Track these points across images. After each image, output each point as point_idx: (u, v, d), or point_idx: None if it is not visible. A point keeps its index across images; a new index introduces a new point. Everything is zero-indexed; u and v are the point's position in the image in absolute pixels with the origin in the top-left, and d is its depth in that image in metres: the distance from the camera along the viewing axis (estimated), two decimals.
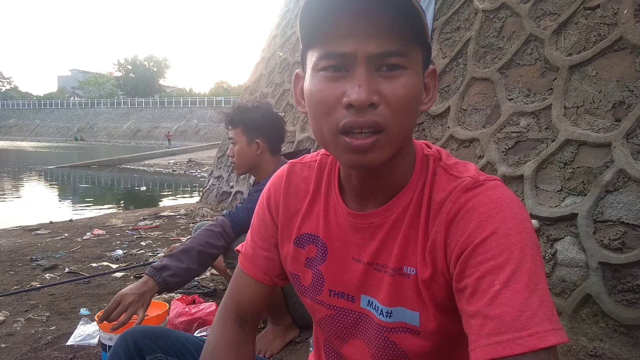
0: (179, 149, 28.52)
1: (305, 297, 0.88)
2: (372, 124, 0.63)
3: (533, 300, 0.58)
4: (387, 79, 0.64)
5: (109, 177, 15.45)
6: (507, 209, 0.65)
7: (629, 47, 2.24)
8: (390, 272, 0.75)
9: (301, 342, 2.05)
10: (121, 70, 76.06)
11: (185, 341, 0.99)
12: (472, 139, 2.94)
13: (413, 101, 0.66)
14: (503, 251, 0.61)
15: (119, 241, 4.19)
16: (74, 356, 1.94)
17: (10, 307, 2.51)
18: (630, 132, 2.11)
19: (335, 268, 0.82)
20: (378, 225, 0.76)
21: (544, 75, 2.64)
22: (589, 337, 2.01)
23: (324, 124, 0.67)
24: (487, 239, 0.63)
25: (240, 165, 2.12)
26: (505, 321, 0.57)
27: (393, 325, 0.75)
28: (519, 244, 0.62)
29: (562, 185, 2.32)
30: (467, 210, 0.67)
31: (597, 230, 2.09)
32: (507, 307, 0.58)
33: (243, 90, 7.60)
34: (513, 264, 0.60)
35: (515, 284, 0.59)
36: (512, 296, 0.59)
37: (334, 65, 0.65)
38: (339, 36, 0.63)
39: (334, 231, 0.82)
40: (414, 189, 0.75)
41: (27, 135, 62.47)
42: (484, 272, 0.61)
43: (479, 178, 0.70)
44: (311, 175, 0.87)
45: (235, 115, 2.08)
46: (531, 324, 0.57)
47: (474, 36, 3.16)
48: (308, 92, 0.69)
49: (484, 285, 0.61)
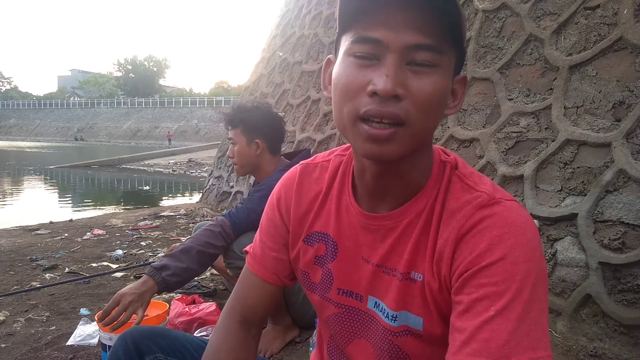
0: (179, 149, 28.51)
1: (313, 293, 0.87)
2: (393, 116, 0.63)
3: (522, 329, 0.60)
4: (416, 74, 0.63)
5: (109, 177, 15.45)
6: (520, 235, 0.65)
7: (629, 47, 2.24)
8: (398, 276, 0.75)
9: (301, 342, 2.05)
10: (121, 70, 76.06)
11: (185, 341, 0.99)
12: (472, 139, 2.94)
13: (439, 101, 0.65)
14: (507, 279, 0.62)
15: (119, 241, 4.19)
16: (74, 356, 1.94)
17: (10, 307, 2.51)
18: (630, 132, 2.11)
19: (346, 267, 0.81)
20: (390, 228, 0.76)
21: (544, 75, 2.64)
22: (589, 337, 2.01)
23: (345, 109, 0.66)
24: (494, 264, 0.63)
25: (241, 166, 2.13)
26: (489, 347, 0.59)
27: (398, 329, 0.76)
28: (524, 273, 0.62)
29: (562, 185, 2.32)
30: (480, 229, 0.66)
31: (597, 230, 2.09)
32: (496, 334, 0.60)
33: (243, 90, 7.59)
34: (512, 293, 0.61)
35: (510, 313, 0.60)
36: (503, 324, 0.60)
37: (366, 54, 0.64)
38: (375, 23, 0.63)
39: (345, 230, 0.81)
40: (429, 195, 0.74)
41: (27, 135, 62.48)
42: (483, 295, 0.62)
43: (495, 195, 0.69)
44: (324, 175, 0.86)
45: (235, 115, 2.08)
46: (512, 353, 0.58)
47: (474, 36, 3.16)
48: (336, 76, 0.68)
49: (479, 308, 0.62)
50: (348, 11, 0.66)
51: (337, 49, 0.72)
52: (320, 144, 4.41)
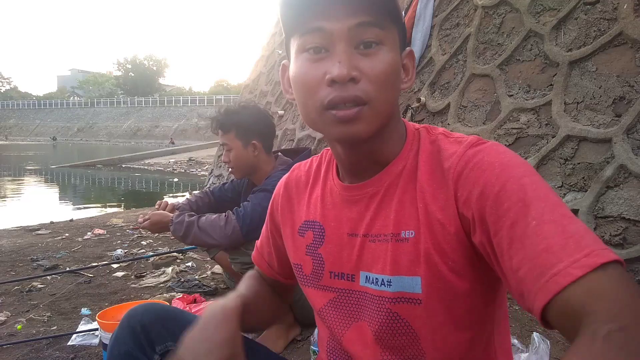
0: (179, 148, 28.49)
1: (307, 286, 0.87)
2: (354, 98, 0.67)
3: (575, 226, 0.56)
4: (365, 56, 0.68)
5: (109, 176, 15.45)
6: (514, 158, 0.67)
7: (629, 42, 2.23)
8: (389, 239, 0.74)
9: (302, 340, 2.05)
10: (121, 70, 76.02)
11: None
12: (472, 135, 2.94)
13: (392, 75, 0.70)
14: (525, 191, 0.60)
15: (120, 241, 4.19)
16: (75, 356, 1.94)
17: (11, 308, 2.51)
18: (630, 128, 2.10)
19: (334, 248, 0.82)
20: (372, 195, 0.77)
21: (544, 71, 2.63)
22: None
23: (310, 103, 0.70)
24: (505, 185, 0.62)
25: (239, 170, 2.10)
26: (555, 252, 0.53)
27: (394, 295, 0.73)
28: (537, 182, 0.62)
29: (562, 181, 2.32)
30: (475, 163, 0.68)
31: (598, 226, 2.09)
32: (552, 239, 0.54)
33: (242, 88, 7.59)
34: (539, 200, 0.59)
35: (550, 215, 0.57)
36: (553, 227, 0.56)
37: (315, 47, 0.69)
38: (317, 16, 0.68)
39: (329, 212, 0.83)
40: (406, 157, 0.76)
41: (27, 135, 62.46)
42: (514, 217, 0.59)
43: (482, 139, 0.73)
44: (312, 167, 0.91)
45: (226, 119, 2.04)
46: (582, 245, 0.53)
47: (473, 32, 3.15)
48: (293, 76, 0.73)
49: (519, 230, 0.58)
50: (290, 15, 0.71)
51: (288, 53, 0.76)
52: (320, 142, 4.40)
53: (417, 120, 3.36)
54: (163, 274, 3.05)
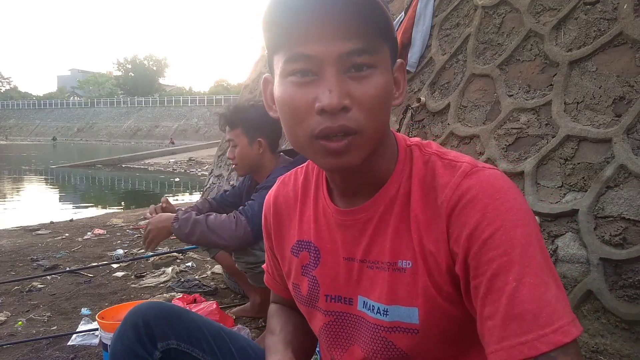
0: (179, 148, 28.49)
1: (304, 305, 0.86)
2: (345, 129, 0.63)
3: (551, 294, 0.57)
4: (357, 81, 0.64)
5: (109, 176, 15.45)
6: (511, 200, 0.64)
7: (629, 42, 2.23)
8: (385, 267, 0.73)
9: None
10: (121, 70, 76.00)
11: (202, 325, 0.91)
12: (472, 135, 2.94)
13: (385, 100, 0.66)
14: (513, 245, 0.60)
15: (120, 240, 4.20)
16: (75, 356, 1.94)
17: (11, 308, 2.51)
18: (630, 128, 2.10)
19: (329, 271, 0.80)
20: (366, 221, 0.75)
21: (544, 71, 2.63)
22: (591, 333, 2.01)
23: (299, 130, 0.67)
24: (495, 234, 0.61)
25: (243, 167, 2.10)
26: (527, 320, 0.56)
27: (390, 325, 0.72)
28: (527, 236, 0.61)
29: (562, 181, 2.32)
30: (469, 199, 0.65)
31: (598, 226, 2.09)
32: (527, 305, 0.57)
33: (242, 88, 7.59)
34: (524, 258, 0.59)
35: (531, 279, 0.58)
36: (530, 293, 0.57)
37: (301, 70, 0.64)
38: (304, 39, 0.63)
39: (324, 233, 0.80)
40: (398, 179, 0.74)
41: (27, 135, 62.44)
42: (496, 269, 0.60)
43: (477, 164, 0.69)
44: (298, 181, 0.87)
45: (234, 116, 2.05)
46: (553, 319, 0.55)
47: (473, 32, 3.15)
48: (279, 99, 0.68)
49: (499, 284, 0.59)
50: (273, 33, 0.66)
51: (271, 68, 0.71)
52: None
53: (417, 120, 3.36)
54: (163, 274, 3.05)
